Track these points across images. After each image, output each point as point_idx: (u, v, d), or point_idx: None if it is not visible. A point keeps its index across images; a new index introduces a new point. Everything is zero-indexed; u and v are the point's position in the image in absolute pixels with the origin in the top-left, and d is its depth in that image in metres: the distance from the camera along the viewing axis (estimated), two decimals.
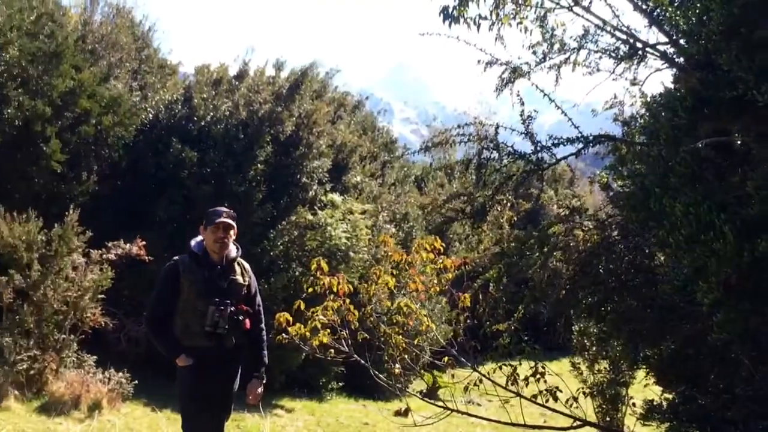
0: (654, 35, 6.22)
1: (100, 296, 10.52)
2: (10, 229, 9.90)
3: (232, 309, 5.74)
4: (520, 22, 6.54)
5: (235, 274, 5.94)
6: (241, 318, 5.78)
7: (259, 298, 6.18)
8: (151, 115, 15.31)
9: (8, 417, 8.87)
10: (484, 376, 6.47)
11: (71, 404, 9.59)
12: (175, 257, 5.94)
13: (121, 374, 10.31)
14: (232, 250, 5.98)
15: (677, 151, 4.35)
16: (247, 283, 6.01)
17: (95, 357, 10.56)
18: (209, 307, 5.67)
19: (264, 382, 5.95)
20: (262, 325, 6.10)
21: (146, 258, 10.92)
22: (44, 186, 12.80)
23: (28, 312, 9.74)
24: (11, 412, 9.09)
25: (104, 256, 10.57)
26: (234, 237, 5.96)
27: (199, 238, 5.97)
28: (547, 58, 6.91)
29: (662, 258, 6.27)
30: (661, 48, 6.12)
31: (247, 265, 6.12)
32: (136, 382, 10.50)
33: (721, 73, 4.15)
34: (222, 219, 5.80)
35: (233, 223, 5.88)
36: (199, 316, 5.69)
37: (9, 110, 12.43)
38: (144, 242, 11.01)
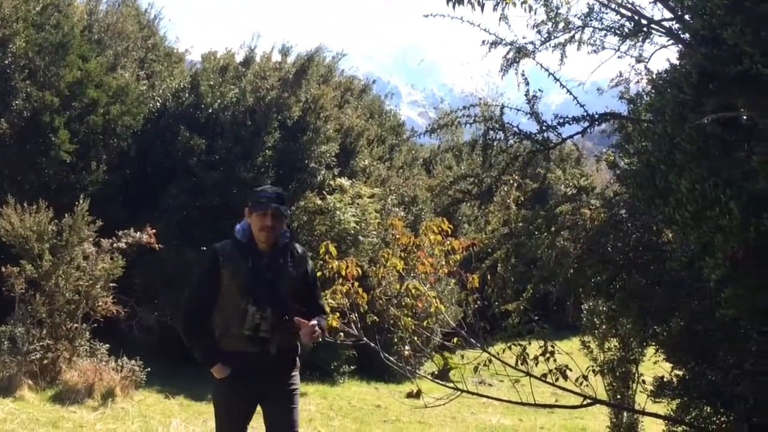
0: (659, 11, 6.18)
1: (111, 285, 10.60)
2: (21, 219, 9.97)
3: (277, 308, 4.86)
4: (524, 1, 6.48)
5: (286, 264, 5.01)
6: (287, 318, 4.85)
7: (320, 291, 5.41)
8: (158, 104, 15.38)
9: (22, 406, 8.95)
10: (493, 356, 6.48)
11: (85, 393, 9.67)
12: (216, 244, 5.05)
13: (133, 362, 10.38)
14: (284, 233, 5.10)
15: (683, 127, 4.33)
16: (300, 273, 5.06)
17: (108, 345, 10.64)
18: (248, 307, 4.81)
19: (319, 328, 4.86)
20: (325, 314, 5.26)
21: (156, 246, 10.97)
22: (54, 176, 12.88)
23: (40, 302, 9.82)
24: (25, 401, 9.17)
25: (115, 245, 10.62)
26: (285, 221, 5.10)
27: (245, 221, 5.05)
28: (552, 37, 6.87)
29: (670, 235, 6.26)
30: (666, 24, 6.08)
31: (300, 250, 5.18)
32: (149, 369, 10.57)
33: (726, 48, 4.12)
34: (271, 206, 4.86)
35: (284, 210, 4.97)
36: (241, 316, 4.84)
37: (17, 101, 12.49)
38: (154, 230, 11.05)
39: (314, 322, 4.78)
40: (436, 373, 14.18)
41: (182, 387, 11.03)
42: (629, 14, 6.33)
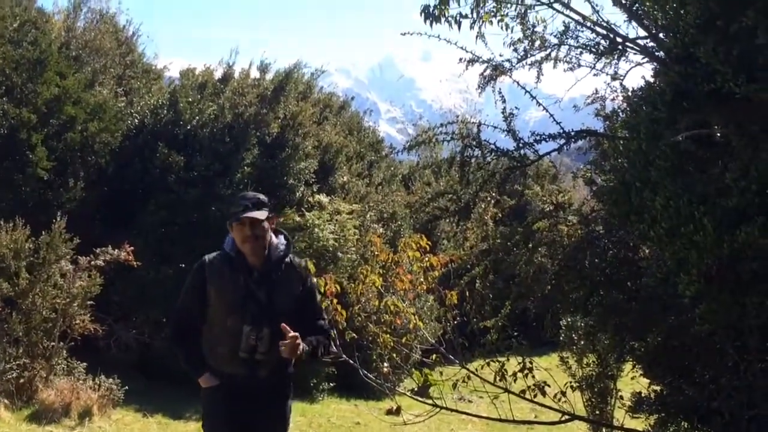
0: (634, 30, 6.25)
1: (89, 303, 10.49)
2: None
3: (273, 330, 4.36)
4: (501, 20, 6.54)
5: (281, 280, 4.57)
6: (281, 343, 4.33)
7: (320, 311, 4.95)
8: (136, 121, 15.29)
9: None
10: (472, 372, 6.49)
11: (62, 412, 9.57)
12: (206, 256, 4.64)
13: (111, 380, 10.27)
14: (279, 245, 4.63)
15: (657, 144, 4.38)
16: (298, 290, 4.63)
17: (85, 364, 10.53)
18: (243, 327, 4.38)
19: (305, 350, 4.42)
20: (325, 335, 4.78)
21: (135, 263, 10.91)
22: (31, 194, 12.78)
23: (17, 320, 9.71)
24: (1, 420, 9.06)
25: (92, 262, 10.54)
26: (272, 227, 4.63)
27: None
28: (529, 55, 6.93)
29: (646, 251, 6.32)
30: (641, 42, 6.16)
31: (302, 264, 4.79)
32: (127, 388, 10.45)
33: (699, 66, 4.17)
34: (246, 214, 4.40)
35: (262, 217, 4.46)
36: (229, 335, 4.42)
37: None
38: (132, 248, 10.98)
39: (295, 334, 4.30)
40: (415, 389, 14.13)
41: (160, 406, 10.94)
42: (604, 32, 6.40)
